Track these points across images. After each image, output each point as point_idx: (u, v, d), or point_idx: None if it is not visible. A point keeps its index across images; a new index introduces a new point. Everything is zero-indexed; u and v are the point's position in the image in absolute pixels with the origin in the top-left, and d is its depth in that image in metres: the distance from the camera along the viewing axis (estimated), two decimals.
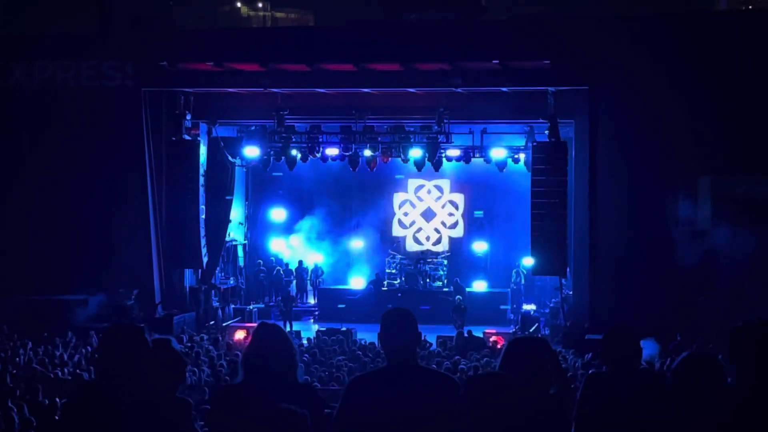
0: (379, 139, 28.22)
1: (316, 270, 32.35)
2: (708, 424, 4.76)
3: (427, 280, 31.04)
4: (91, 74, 26.87)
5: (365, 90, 26.71)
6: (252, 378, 5.35)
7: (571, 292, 26.99)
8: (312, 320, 30.42)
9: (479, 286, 30.92)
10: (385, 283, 31.05)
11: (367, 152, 28.42)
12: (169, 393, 5.29)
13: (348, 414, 5.25)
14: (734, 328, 5.62)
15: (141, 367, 5.19)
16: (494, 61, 25.04)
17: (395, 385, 5.24)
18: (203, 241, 28.10)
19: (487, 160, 28.99)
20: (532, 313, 29.00)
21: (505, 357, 5.59)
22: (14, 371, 17.68)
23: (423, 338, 7.17)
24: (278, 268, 32.43)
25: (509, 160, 29.03)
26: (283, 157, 28.70)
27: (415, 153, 28.00)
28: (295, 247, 32.67)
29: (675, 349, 21.31)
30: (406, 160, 28.77)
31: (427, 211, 33.03)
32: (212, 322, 27.56)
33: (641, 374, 5.97)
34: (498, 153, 28.65)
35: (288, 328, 26.30)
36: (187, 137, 27.58)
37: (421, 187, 32.87)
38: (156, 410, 5.02)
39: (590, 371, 7.76)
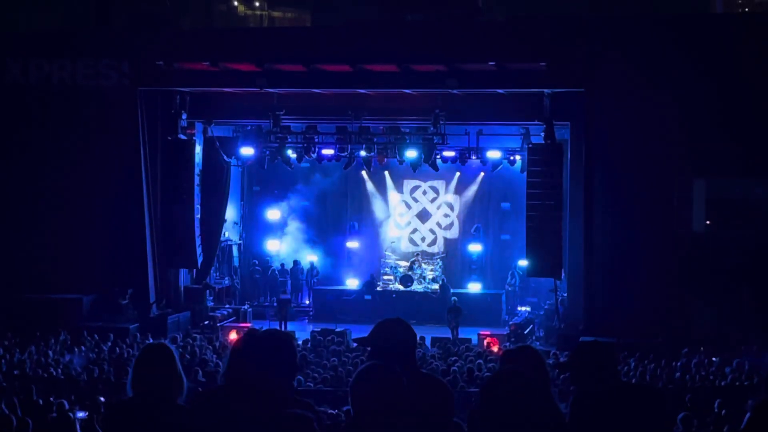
0: (375, 140, 28.21)
1: (312, 269, 32.29)
2: None
3: (422, 281, 31.00)
4: (87, 73, 26.85)
5: (361, 90, 26.70)
6: (241, 385, 5.12)
7: (566, 294, 26.99)
8: (307, 320, 30.35)
9: (474, 287, 30.87)
10: (380, 284, 30.98)
11: (363, 153, 28.43)
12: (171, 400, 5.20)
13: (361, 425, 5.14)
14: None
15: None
16: (490, 63, 25.04)
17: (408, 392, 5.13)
18: (198, 241, 28.07)
19: (483, 162, 29.00)
20: (527, 315, 29.01)
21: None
22: (9, 370, 17.66)
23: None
24: (273, 268, 32.38)
25: (505, 162, 29.04)
26: (278, 158, 28.70)
27: (411, 154, 28.00)
28: (290, 245, 32.58)
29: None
30: (401, 161, 28.77)
31: (422, 212, 33.01)
32: (207, 322, 27.54)
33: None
34: (493, 154, 28.65)
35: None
36: (182, 137, 27.56)
37: (417, 188, 32.85)
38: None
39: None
